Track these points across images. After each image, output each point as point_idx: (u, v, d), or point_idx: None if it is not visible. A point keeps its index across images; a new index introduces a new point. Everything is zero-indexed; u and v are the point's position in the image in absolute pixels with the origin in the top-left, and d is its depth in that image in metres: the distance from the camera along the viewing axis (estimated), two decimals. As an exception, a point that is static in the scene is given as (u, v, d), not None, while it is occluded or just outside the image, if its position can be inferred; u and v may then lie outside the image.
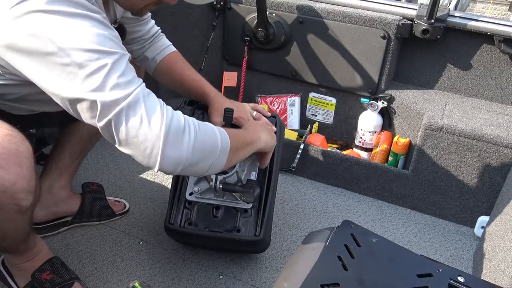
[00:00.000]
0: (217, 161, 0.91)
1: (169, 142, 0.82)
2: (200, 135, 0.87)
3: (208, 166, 0.90)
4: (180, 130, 0.84)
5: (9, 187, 0.85)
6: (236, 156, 1.00)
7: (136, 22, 1.23)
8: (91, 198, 1.41)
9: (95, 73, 0.77)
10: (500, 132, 1.47)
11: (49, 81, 0.79)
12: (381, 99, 1.78)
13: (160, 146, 0.81)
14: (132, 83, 0.81)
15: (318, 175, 1.77)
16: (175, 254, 1.35)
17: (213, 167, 0.92)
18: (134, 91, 0.80)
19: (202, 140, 0.87)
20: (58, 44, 0.76)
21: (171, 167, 0.84)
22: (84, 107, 0.80)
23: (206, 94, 1.27)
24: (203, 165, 0.89)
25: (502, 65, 1.67)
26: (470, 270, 1.41)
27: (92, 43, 0.78)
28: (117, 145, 0.84)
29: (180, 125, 0.84)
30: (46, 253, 1.15)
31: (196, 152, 0.86)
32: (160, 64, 1.29)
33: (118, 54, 0.81)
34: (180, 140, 0.83)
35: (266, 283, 1.29)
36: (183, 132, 0.84)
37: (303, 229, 1.51)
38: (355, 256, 0.85)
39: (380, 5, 1.72)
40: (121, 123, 0.80)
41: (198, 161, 0.87)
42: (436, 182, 1.60)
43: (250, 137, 1.09)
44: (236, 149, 0.98)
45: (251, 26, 1.88)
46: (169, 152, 0.82)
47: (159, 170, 0.84)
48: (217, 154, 0.90)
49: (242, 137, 1.05)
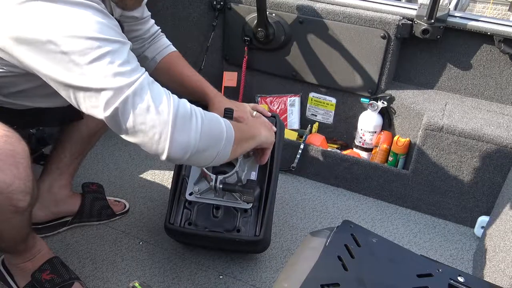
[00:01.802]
0: (223, 150, 0.92)
1: (178, 127, 0.82)
2: (206, 122, 0.87)
3: (215, 154, 0.90)
4: (187, 115, 0.84)
5: (6, 188, 0.84)
6: (240, 148, 1.00)
7: (136, 21, 1.23)
8: (91, 198, 1.41)
9: (96, 60, 0.76)
10: (500, 132, 1.47)
11: (50, 69, 0.78)
12: (381, 99, 1.78)
13: (168, 131, 0.81)
14: (136, 71, 0.81)
15: (318, 175, 1.77)
16: (175, 254, 1.35)
17: (219, 157, 0.92)
18: (138, 78, 0.80)
19: (209, 127, 0.88)
20: (58, 32, 0.75)
21: (179, 153, 0.83)
22: (87, 96, 0.79)
23: (206, 94, 1.28)
24: (210, 153, 0.89)
25: (502, 65, 1.67)
26: (470, 270, 1.41)
27: (93, 31, 0.77)
28: (123, 134, 0.83)
29: (187, 111, 0.84)
30: (46, 253, 1.15)
31: (204, 139, 0.86)
32: (160, 64, 1.30)
33: (119, 42, 0.81)
34: (188, 126, 0.83)
35: (266, 283, 1.29)
36: (190, 118, 0.84)
37: (303, 229, 1.51)
38: (355, 256, 0.85)
39: (380, 5, 1.72)
40: (128, 110, 0.79)
41: (206, 148, 0.87)
42: (436, 182, 1.60)
43: (252, 131, 1.10)
44: (240, 140, 0.98)
45: (251, 26, 1.88)
46: (177, 137, 0.82)
47: (167, 158, 0.83)
48: (223, 142, 0.91)
49: (245, 130, 1.06)
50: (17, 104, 1.02)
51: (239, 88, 2.03)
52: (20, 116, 1.05)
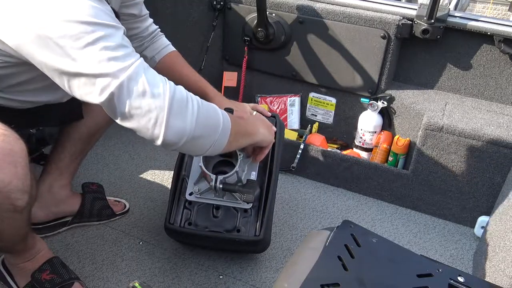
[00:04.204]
0: (219, 141, 0.91)
1: (174, 112, 0.81)
2: (203, 109, 0.87)
3: (211, 143, 0.90)
4: (183, 100, 0.83)
5: (4, 187, 0.84)
6: (236, 142, 1.00)
7: (134, 19, 1.23)
8: (91, 198, 1.41)
9: (90, 45, 0.76)
10: (500, 132, 1.47)
11: (43, 56, 0.78)
12: (381, 99, 1.78)
13: (164, 115, 0.80)
14: (130, 55, 0.80)
15: (318, 175, 1.77)
16: (175, 254, 1.35)
17: (215, 146, 0.91)
18: (133, 63, 0.80)
19: (205, 114, 0.87)
20: (50, 16, 0.74)
21: (175, 138, 0.83)
22: (82, 82, 0.78)
23: (206, 94, 1.28)
24: (205, 140, 0.89)
25: (502, 65, 1.67)
26: (470, 270, 1.41)
27: (87, 15, 0.76)
28: (119, 119, 0.83)
29: (183, 96, 0.84)
30: (46, 253, 1.15)
31: (200, 125, 0.85)
32: (159, 64, 1.30)
33: (113, 27, 0.80)
34: (184, 110, 0.83)
35: (266, 283, 1.29)
36: (186, 103, 0.84)
37: (303, 229, 1.51)
38: (355, 256, 0.85)
39: (380, 5, 1.72)
40: (123, 95, 0.79)
41: (201, 135, 0.87)
42: (436, 182, 1.60)
43: (250, 128, 1.09)
44: (236, 133, 0.98)
45: (251, 26, 1.88)
46: (173, 121, 0.81)
47: (162, 143, 0.83)
48: (219, 131, 0.90)
49: (242, 125, 1.05)
50: (17, 100, 1.01)
51: (239, 88, 2.03)
52: (20, 115, 1.05)
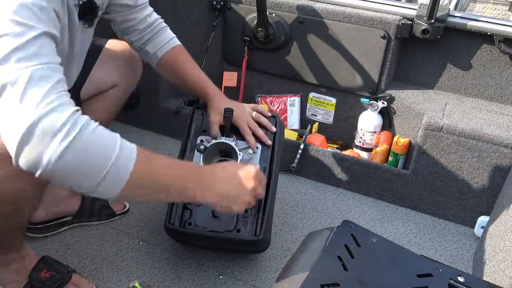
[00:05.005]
0: (101, 188, 0.75)
1: (31, 138, 0.68)
2: (81, 145, 0.71)
3: (90, 185, 0.74)
4: (52, 129, 0.69)
5: None
6: (135, 193, 0.82)
7: (130, 10, 1.18)
8: (91, 198, 1.41)
9: None
10: (500, 132, 1.47)
11: None
12: (381, 99, 1.78)
13: (18, 138, 0.68)
14: (25, 59, 0.69)
15: (318, 175, 1.77)
16: (175, 254, 1.35)
17: (96, 192, 0.76)
18: (26, 68, 0.69)
19: (84, 152, 0.72)
20: None
21: (26, 166, 0.71)
22: None
23: (206, 93, 1.27)
24: (75, 182, 0.74)
25: (502, 65, 1.67)
26: (470, 270, 1.41)
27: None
28: None
29: (56, 125, 0.69)
30: (34, 255, 1.15)
31: (69, 162, 0.70)
32: (161, 60, 1.25)
33: (25, 25, 0.71)
34: (47, 141, 0.69)
35: (266, 283, 1.29)
36: (54, 134, 0.69)
37: (303, 229, 1.51)
38: (355, 256, 0.85)
39: (380, 5, 1.72)
40: None
41: (71, 173, 0.72)
42: (436, 182, 1.59)
43: (172, 180, 0.86)
44: (140, 186, 0.80)
45: (251, 26, 1.88)
46: (27, 148, 0.69)
47: (16, 164, 0.72)
48: (101, 177, 0.74)
49: (157, 174, 0.83)
50: None
51: (239, 88, 2.03)
52: None
